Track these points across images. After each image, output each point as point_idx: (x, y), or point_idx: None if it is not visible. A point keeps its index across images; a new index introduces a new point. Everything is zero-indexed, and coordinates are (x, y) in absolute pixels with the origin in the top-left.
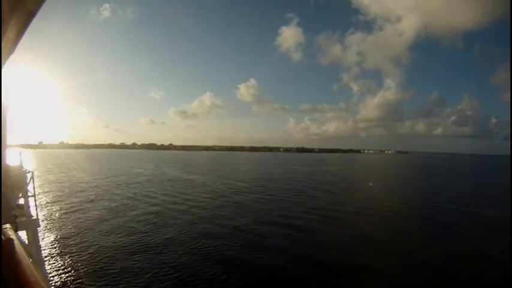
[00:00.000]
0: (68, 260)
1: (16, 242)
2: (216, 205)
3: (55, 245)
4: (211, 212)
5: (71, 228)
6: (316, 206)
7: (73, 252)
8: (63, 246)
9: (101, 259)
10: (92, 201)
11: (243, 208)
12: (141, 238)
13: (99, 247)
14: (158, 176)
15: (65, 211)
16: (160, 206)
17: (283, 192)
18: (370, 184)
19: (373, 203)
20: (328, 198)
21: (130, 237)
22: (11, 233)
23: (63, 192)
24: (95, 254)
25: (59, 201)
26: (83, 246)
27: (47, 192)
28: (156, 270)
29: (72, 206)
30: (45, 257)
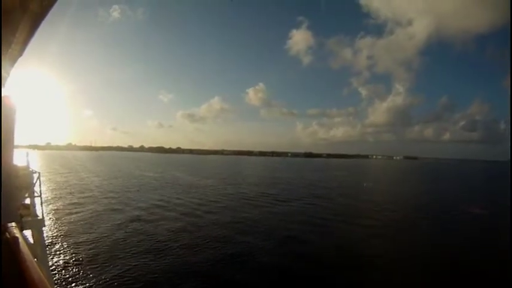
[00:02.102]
0: (72, 260)
1: (20, 240)
2: (224, 211)
3: (60, 245)
4: (221, 216)
5: (76, 229)
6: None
7: (77, 252)
8: (68, 245)
9: (105, 259)
10: (96, 202)
11: (252, 216)
12: (145, 239)
13: (103, 247)
14: (166, 179)
15: (70, 211)
16: (167, 209)
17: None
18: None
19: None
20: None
21: (135, 238)
22: (16, 232)
23: (69, 193)
24: (99, 253)
25: (64, 201)
26: (88, 246)
27: (53, 192)
28: (158, 270)
29: (77, 207)
30: (50, 256)
